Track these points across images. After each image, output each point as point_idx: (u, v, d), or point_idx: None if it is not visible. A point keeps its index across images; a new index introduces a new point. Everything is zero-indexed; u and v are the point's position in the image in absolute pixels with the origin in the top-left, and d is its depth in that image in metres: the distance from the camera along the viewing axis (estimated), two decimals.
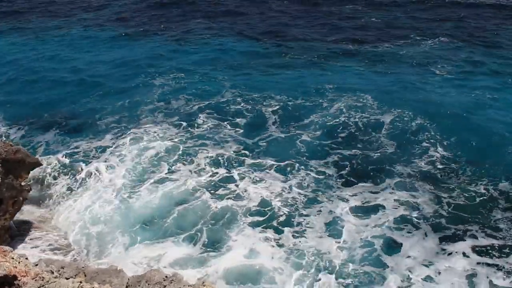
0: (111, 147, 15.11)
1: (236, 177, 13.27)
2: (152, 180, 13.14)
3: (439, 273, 9.63)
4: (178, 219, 11.54)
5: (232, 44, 25.30)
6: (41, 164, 12.25)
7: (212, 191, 12.60)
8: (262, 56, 23.21)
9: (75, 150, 15.12)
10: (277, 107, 17.22)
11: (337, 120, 16.15)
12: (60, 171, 14.04)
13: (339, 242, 10.56)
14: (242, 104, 17.57)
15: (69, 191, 13.02)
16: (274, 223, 11.30)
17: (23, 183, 10.81)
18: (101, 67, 22.81)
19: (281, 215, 11.54)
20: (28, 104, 18.92)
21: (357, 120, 16.10)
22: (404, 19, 29.24)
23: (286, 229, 11.09)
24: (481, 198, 11.77)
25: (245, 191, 12.59)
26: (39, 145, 15.56)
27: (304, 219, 11.39)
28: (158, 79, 20.44)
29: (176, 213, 11.73)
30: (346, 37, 25.89)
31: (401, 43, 24.31)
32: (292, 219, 11.41)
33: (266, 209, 11.81)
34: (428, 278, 9.51)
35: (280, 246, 10.52)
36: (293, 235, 10.86)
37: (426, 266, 9.84)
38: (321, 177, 13.09)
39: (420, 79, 19.60)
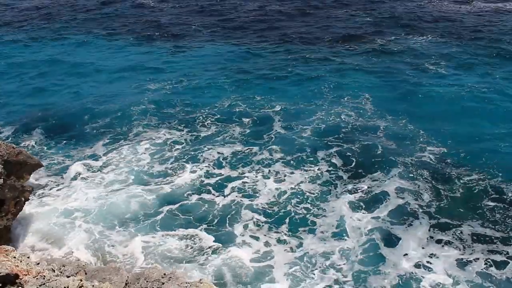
0: (107, 148, 15.19)
1: (238, 175, 13.45)
2: (152, 179, 13.30)
3: (438, 261, 9.97)
4: (179, 217, 11.71)
5: (230, 48, 25.39)
6: (42, 166, 12.42)
7: (212, 190, 12.77)
8: (260, 60, 23.32)
9: (71, 150, 15.27)
10: (278, 108, 17.40)
11: (338, 119, 16.36)
12: (53, 170, 14.08)
13: (341, 239, 10.74)
14: (243, 106, 17.74)
15: (67, 190, 13.06)
16: (276, 220, 11.47)
17: (24, 184, 10.98)
18: (97, 70, 22.89)
19: (283, 213, 11.71)
20: (22, 106, 19.03)
21: (355, 118, 16.32)
22: (399, 20, 29.52)
23: (287, 226, 11.25)
24: (477, 190, 12.15)
25: (247, 189, 12.76)
26: (32, 145, 15.64)
27: (306, 216, 11.56)
28: (153, 84, 20.45)
29: (176, 211, 11.90)
30: (343, 38, 26.15)
31: (397, 42, 24.59)
32: (293, 216, 11.59)
33: (270, 206, 11.99)
34: (427, 268, 9.79)
35: (282, 243, 10.67)
36: (295, 233, 11.02)
37: (425, 257, 10.11)
38: (323, 173, 13.34)
39: (415, 76, 19.84)
